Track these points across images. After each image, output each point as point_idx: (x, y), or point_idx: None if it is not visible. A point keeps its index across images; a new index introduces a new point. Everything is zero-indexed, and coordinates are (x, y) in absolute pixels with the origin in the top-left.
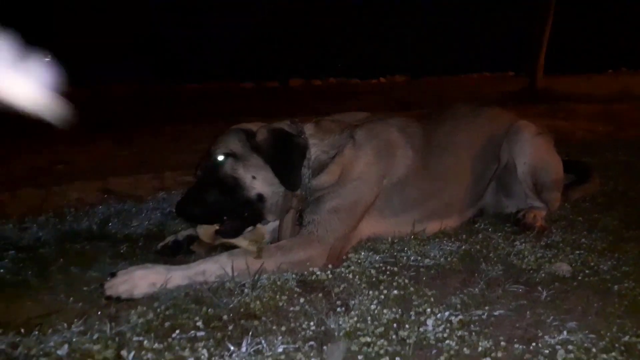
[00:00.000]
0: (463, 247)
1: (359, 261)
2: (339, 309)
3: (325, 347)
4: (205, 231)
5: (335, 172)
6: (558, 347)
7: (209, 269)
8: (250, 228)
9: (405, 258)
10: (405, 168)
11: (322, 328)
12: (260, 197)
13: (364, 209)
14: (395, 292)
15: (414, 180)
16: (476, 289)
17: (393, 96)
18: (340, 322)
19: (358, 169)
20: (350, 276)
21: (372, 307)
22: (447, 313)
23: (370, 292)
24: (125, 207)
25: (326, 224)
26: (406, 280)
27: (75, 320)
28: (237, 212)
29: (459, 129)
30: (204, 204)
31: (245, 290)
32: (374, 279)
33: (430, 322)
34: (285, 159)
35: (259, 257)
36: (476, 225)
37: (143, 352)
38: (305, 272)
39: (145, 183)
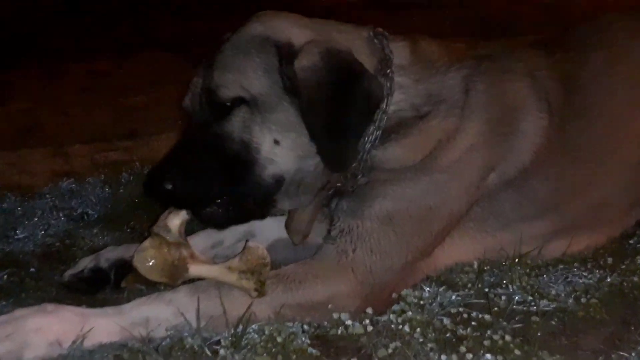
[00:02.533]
0: (608, 279)
1: (421, 302)
2: None
3: None
4: (154, 254)
5: (422, 146)
6: None
7: (157, 315)
8: (244, 229)
9: (504, 298)
10: (531, 151)
11: None
12: (279, 180)
13: (447, 222)
14: (489, 357)
15: (543, 168)
16: (633, 354)
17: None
18: None
19: (456, 152)
20: (406, 329)
21: None
22: None
23: (443, 359)
24: (4, 205)
25: (372, 240)
26: (507, 338)
27: None
28: (236, 199)
29: (622, 68)
30: (192, 179)
31: (221, 352)
32: (448, 335)
33: None
34: (342, 117)
35: (260, 296)
36: (631, 242)
37: None
38: (326, 322)
39: (38, 164)
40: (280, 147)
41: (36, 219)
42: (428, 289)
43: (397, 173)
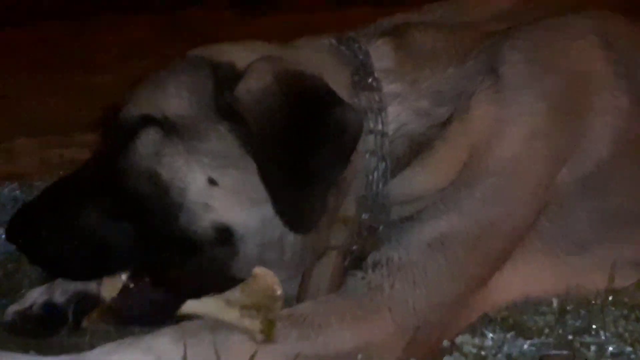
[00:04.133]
0: None
1: (482, 352)
2: None
3: None
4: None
5: (449, 164)
6: None
7: None
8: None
9: (593, 349)
10: (610, 138)
11: None
12: (224, 233)
13: (510, 240)
14: None
15: (628, 164)
16: None
17: None
18: None
19: (509, 147)
20: None
21: None
22: None
23: None
24: None
25: (416, 270)
26: None
27: None
28: (162, 261)
29: None
30: (74, 229)
31: None
32: None
33: None
34: (307, 156)
35: (268, 341)
36: None
37: None
38: None
39: None
40: (219, 189)
41: None
42: (491, 335)
43: (430, 199)
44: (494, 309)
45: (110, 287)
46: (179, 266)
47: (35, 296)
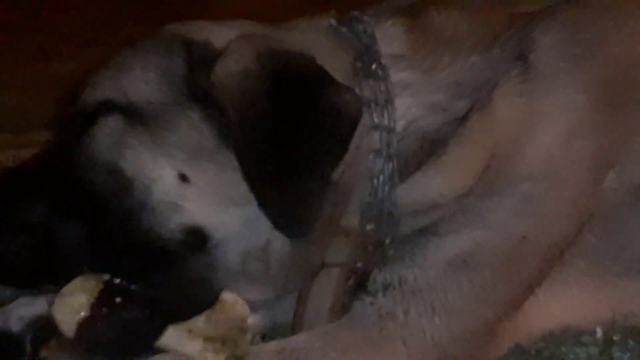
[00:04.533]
0: None
1: None
2: None
3: None
4: (85, 302)
5: (468, 166)
6: None
7: None
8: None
9: None
10: None
11: None
12: (197, 237)
13: (547, 259)
14: None
15: None
16: None
17: None
18: None
19: (537, 151)
20: None
21: None
22: None
23: None
24: None
25: (435, 294)
26: None
27: None
28: (129, 272)
29: None
30: (14, 225)
31: None
32: None
33: None
34: (295, 147)
35: None
36: None
37: None
38: None
39: None
40: (191, 186)
41: None
42: None
43: (449, 208)
44: (527, 339)
45: (64, 307)
46: (150, 278)
47: None
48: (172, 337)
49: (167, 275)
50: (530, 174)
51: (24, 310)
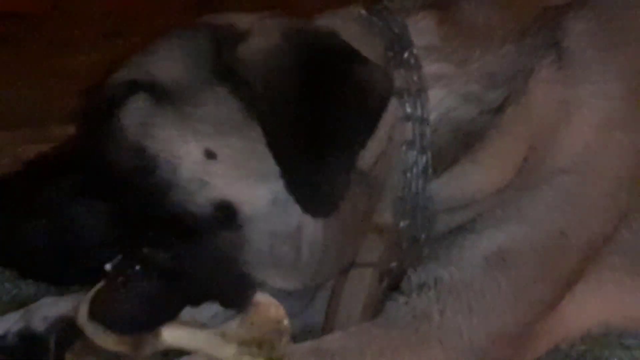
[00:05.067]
0: None
1: None
2: None
3: None
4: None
5: (506, 159)
6: None
7: None
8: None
9: None
10: None
11: None
12: (226, 212)
13: (585, 255)
14: None
15: None
16: None
17: None
18: None
19: (574, 142)
20: None
21: None
22: None
23: None
24: None
25: (472, 293)
26: None
27: None
28: (156, 254)
29: None
30: (40, 214)
31: None
32: None
33: None
34: (324, 123)
35: None
36: None
37: None
38: None
39: None
40: (218, 162)
41: None
42: None
43: (484, 204)
44: (566, 340)
45: (86, 312)
46: (175, 250)
47: (10, 324)
48: (205, 341)
49: (194, 249)
50: (567, 167)
51: (47, 310)
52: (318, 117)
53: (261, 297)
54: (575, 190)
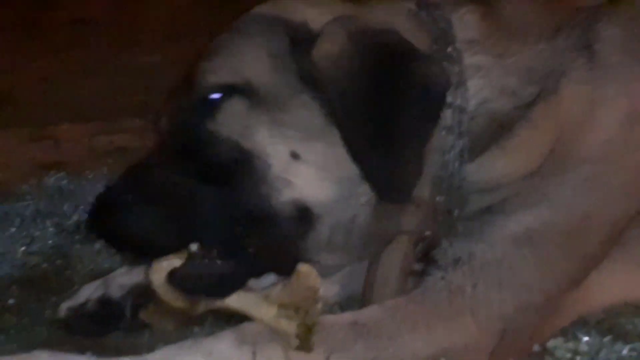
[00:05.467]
0: None
1: (578, 358)
2: None
3: None
4: (174, 265)
5: (533, 148)
6: None
7: None
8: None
9: None
10: None
11: None
12: (303, 212)
13: (608, 236)
14: None
15: None
16: None
17: None
18: None
19: (598, 135)
20: None
21: None
22: None
23: None
24: None
25: (502, 269)
26: None
27: None
28: (235, 241)
29: None
30: (159, 211)
31: None
32: None
33: None
34: (392, 117)
35: (304, 349)
36: None
37: None
38: None
39: (12, 151)
40: (302, 164)
41: (13, 229)
42: (586, 338)
43: (514, 187)
44: (590, 311)
45: (161, 270)
46: (255, 239)
47: (90, 292)
48: (250, 302)
49: (266, 237)
50: (591, 157)
51: (123, 279)
52: (387, 113)
53: (303, 267)
54: (598, 178)
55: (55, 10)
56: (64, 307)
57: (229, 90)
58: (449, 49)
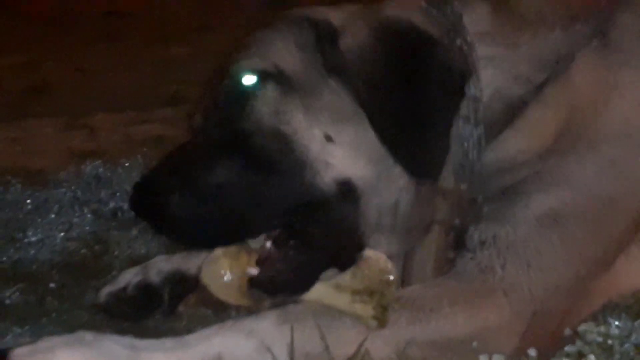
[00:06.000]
0: None
1: (609, 342)
2: None
3: None
4: (231, 266)
5: (545, 125)
6: None
7: (233, 351)
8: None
9: None
10: None
11: None
12: (347, 188)
13: (633, 219)
14: None
15: None
16: None
17: None
18: None
19: (619, 112)
20: None
21: None
22: None
23: None
24: (8, 197)
25: (529, 250)
26: None
27: None
28: (295, 228)
29: None
30: (203, 196)
31: None
32: None
33: None
34: (418, 101)
35: (381, 326)
36: None
37: None
38: None
39: (50, 139)
40: (336, 145)
41: (53, 215)
42: (617, 322)
43: (529, 166)
44: (619, 295)
45: (211, 272)
46: (310, 224)
47: (130, 277)
48: (321, 292)
49: (325, 221)
50: (607, 136)
51: (162, 265)
52: (411, 99)
53: (370, 252)
54: (620, 160)
55: (89, 2)
56: (104, 292)
57: (263, 77)
58: (458, 41)
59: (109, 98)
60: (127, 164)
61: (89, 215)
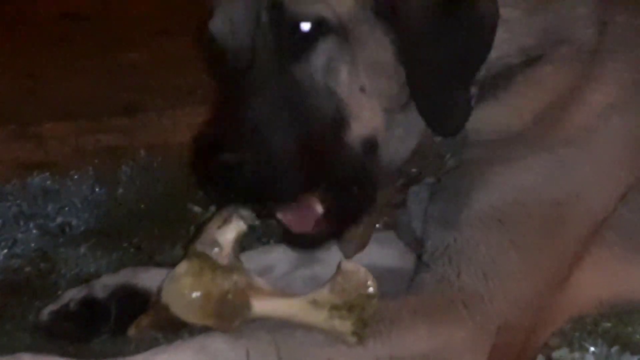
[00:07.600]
0: None
1: None
2: None
3: None
4: (195, 284)
5: (528, 103)
6: None
7: None
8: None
9: None
10: None
11: None
12: (371, 145)
13: (585, 228)
14: None
15: None
16: None
17: None
18: None
19: (586, 115)
20: None
21: None
22: None
23: None
24: None
25: (479, 256)
26: None
27: None
28: (334, 185)
29: None
30: (269, 153)
31: None
32: None
33: None
34: (453, 53)
35: (360, 343)
36: None
37: None
38: None
39: None
40: (366, 96)
41: None
42: (593, 348)
43: (500, 147)
44: (581, 311)
45: (174, 291)
46: (343, 179)
47: (73, 293)
48: (297, 309)
49: (352, 174)
50: (569, 139)
51: (108, 279)
52: (449, 51)
53: (348, 265)
54: (571, 163)
55: (41, 4)
56: (47, 312)
57: (322, 27)
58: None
59: (60, 106)
60: (76, 177)
61: (34, 231)
